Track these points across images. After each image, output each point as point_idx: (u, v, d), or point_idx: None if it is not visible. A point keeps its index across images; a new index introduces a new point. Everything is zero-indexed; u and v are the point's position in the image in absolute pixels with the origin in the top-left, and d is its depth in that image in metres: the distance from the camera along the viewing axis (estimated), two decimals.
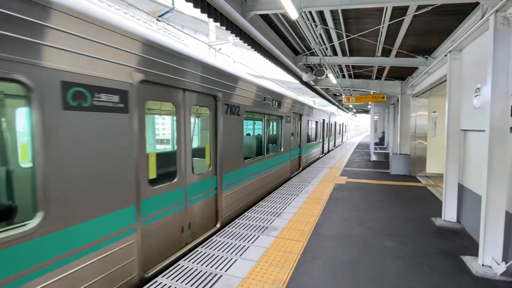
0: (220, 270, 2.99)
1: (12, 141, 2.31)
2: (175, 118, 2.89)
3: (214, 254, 3.31)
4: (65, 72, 1.78)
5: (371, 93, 11.05)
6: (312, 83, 9.59)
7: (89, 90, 1.91)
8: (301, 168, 8.25)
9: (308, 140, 9.57)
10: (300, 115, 7.73)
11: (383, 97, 9.04)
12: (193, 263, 3.10)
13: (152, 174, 2.58)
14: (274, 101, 5.29)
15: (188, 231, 3.25)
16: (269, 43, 5.13)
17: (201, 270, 2.98)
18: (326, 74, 6.71)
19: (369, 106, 17.73)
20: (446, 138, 4.47)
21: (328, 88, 12.63)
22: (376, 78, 9.08)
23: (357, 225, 4.26)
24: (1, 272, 1.45)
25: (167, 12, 5.82)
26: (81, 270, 1.89)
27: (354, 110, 24.95)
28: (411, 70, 7.46)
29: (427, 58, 5.82)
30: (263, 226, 4.16)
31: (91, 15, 1.92)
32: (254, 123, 6.21)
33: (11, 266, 1.48)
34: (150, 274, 2.64)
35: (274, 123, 6.04)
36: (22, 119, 2.18)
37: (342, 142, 23.05)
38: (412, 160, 8.36)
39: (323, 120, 12.45)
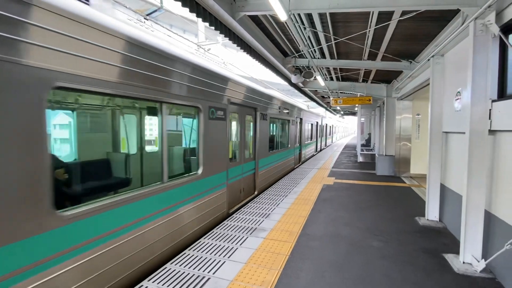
0: (208, 272, 2.96)
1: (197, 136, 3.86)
2: (238, 123, 4.91)
3: (202, 257, 3.27)
4: (210, 102, 3.84)
5: (358, 96, 11.28)
6: (301, 85, 9.68)
7: (215, 109, 3.87)
8: (301, 162, 9.81)
9: (306, 139, 11.48)
10: (301, 119, 9.80)
11: (370, 100, 9.23)
12: (180, 266, 3.06)
13: (230, 155, 4.49)
14: (285, 109, 6.98)
15: (242, 193, 5.16)
16: (258, 44, 5.14)
17: (189, 273, 2.94)
18: (315, 76, 6.79)
19: (356, 108, 18.07)
20: (429, 140, 4.61)
21: (316, 90, 12.78)
22: (363, 81, 9.27)
23: (344, 225, 4.33)
24: (193, 191, 3.24)
25: (155, 11, 5.75)
26: (213, 198, 3.83)
27: (342, 112, 25.38)
28: (396, 74, 7.66)
29: (411, 62, 5.99)
30: (252, 227, 4.15)
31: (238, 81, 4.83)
32: (272, 125, 7.33)
33: (196, 189, 3.28)
34: (230, 211, 4.54)
35: (286, 126, 7.94)
36: (189, 125, 3.88)
37: (332, 142, 23.56)
38: (397, 161, 8.57)
39: (317, 122, 13.63)
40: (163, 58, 2.70)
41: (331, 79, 9.71)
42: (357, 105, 15.25)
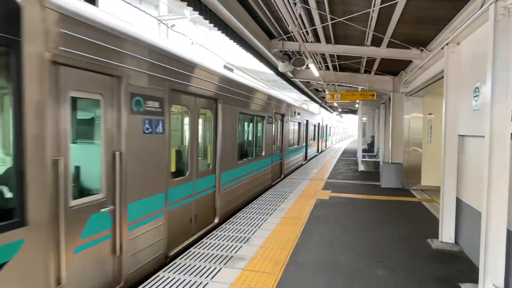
0: None
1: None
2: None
3: None
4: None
5: (359, 90, 11.62)
6: (289, 74, 9.81)
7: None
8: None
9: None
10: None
11: (373, 95, 9.55)
12: None
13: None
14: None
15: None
16: (237, 21, 5.14)
17: None
18: (307, 65, 6.90)
19: (356, 105, 18.59)
20: (443, 145, 4.82)
21: (309, 82, 13.01)
22: (365, 71, 9.56)
23: (342, 250, 4.40)
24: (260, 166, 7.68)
25: None
26: (262, 174, 7.75)
27: (340, 110, 25.96)
28: (404, 64, 7.97)
29: (422, 50, 6.26)
30: (227, 255, 4.11)
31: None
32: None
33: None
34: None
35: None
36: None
37: (326, 147, 23.96)
38: (405, 171, 8.90)
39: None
40: None
41: (327, 68, 9.93)
42: (358, 101, 15.76)
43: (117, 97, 3.10)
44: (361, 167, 12.79)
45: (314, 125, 17.94)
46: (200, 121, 4.84)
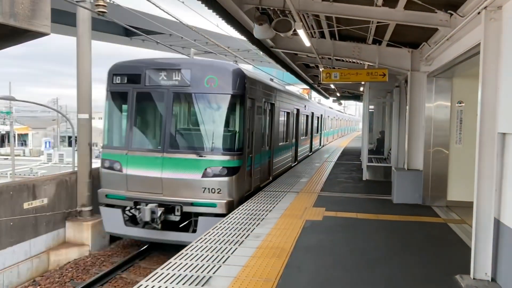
0: None
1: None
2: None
3: None
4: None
5: (365, 67, 11.65)
6: (270, 42, 9.65)
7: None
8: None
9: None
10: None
11: (384, 75, 9.55)
12: None
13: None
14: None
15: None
16: None
17: None
18: (294, 29, 6.76)
19: (361, 89, 18.74)
20: (478, 146, 4.78)
21: (296, 54, 12.92)
22: (374, 42, 9.55)
23: None
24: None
25: None
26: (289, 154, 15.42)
27: (338, 94, 26.20)
28: (428, 33, 7.97)
29: (451, 14, 6.25)
30: None
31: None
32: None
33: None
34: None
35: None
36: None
37: (320, 145, 25.33)
38: (426, 181, 8.94)
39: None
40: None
41: (322, 35, 9.82)
42: (363, 83, 15.88)
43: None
44: (366, 175, 12.84)
45: (307, 116, 18.98)
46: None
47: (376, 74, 9.55)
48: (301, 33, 7.31)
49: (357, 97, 26.61)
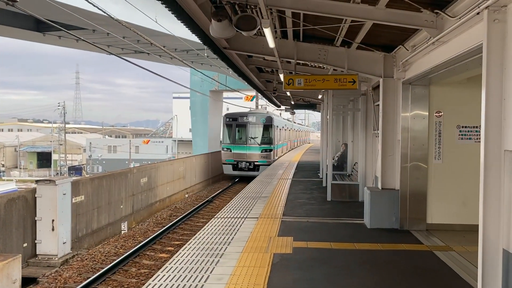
0: None
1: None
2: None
3: None
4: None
5: (329, 72, 11.66)
6: (224, 43, 9.31)
7: None
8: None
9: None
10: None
11: (354, 82, 9.53)
12: None
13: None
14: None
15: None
16: None
17: None
18: (259, 28, 6.46)
19: (320, 96, 18.94)
20: (482, 165, 4.69)
21: (251, 56, 12.70)
22: (343, 44, 9.53)
23: None
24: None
25: None
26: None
27: (292, 103, 26.53)
28: (404, 35, 8.03)
29: (437, 14, 6.26)
30: None
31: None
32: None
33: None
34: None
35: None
36: None
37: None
38: (403, 201, 8.98)
39: None
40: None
41: (284, 36, 9.70)
42: (322, 90, 16.01)
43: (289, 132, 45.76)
44: (330, 195, 12.76)
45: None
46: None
47: (345, 81, 9.48)
48: (267, 32, 7.04)
49: (312, 105, 26.98)
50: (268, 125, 29.26)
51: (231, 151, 28.70)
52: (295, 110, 36.39)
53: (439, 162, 8.97)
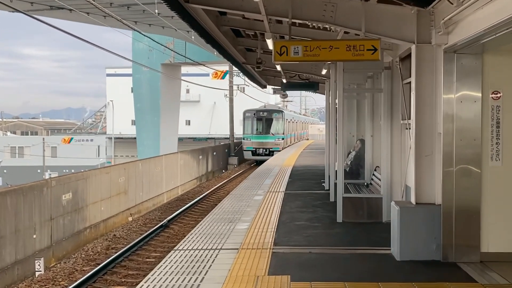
0: None
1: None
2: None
3: None
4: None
5: (338, 37, 11.72)
6: None
7: None
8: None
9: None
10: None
11: (374, 49, 9.58)
12: None
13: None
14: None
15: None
16: None
17: None
18: None
19: (324, 72, 19.00)
20: None
21: (225, 14, 12.71)
22: None
23: None
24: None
25: None
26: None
27: (284, 81, 26.57)
28: None
29: None
30: None
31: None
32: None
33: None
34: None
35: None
36: None
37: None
38: (447, 221, 9.06)
39: None
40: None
41: None
42: (328, 63, 16.06)
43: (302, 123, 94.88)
44: (341, 215, 12.85)
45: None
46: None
47: (361, 49, 9.44)
48: None
49: (311, 85, 26.95)
50: (279, 118, 58.68)
51: (250, 140, 57.08)
52: (287, 92, 36.02)
53: (498, 164, 9.08)
